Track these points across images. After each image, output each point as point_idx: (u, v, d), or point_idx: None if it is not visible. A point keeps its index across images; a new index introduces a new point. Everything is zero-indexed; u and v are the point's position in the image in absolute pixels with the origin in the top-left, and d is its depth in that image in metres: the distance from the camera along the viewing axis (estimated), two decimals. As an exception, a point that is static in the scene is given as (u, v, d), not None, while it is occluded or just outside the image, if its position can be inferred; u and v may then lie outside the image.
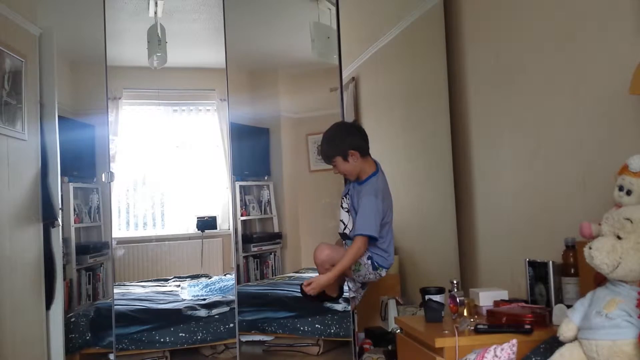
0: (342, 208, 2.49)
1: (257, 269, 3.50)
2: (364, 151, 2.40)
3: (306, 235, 3.53)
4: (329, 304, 3.05)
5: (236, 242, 3.43)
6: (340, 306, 2.98)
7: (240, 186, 3.53)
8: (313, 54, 3.12)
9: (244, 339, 3.18)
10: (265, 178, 3.62)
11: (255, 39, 3.31)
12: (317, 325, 3.07)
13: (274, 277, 3.50)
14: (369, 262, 2.43)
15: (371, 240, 2.37)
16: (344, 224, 2.47)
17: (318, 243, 2.49)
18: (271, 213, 3.58)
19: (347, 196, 2.49)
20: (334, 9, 2.94)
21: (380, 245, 2.42)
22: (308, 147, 3.46)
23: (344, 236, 2.50)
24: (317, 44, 3.07)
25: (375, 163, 2.47)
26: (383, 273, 2.49)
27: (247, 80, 3.58)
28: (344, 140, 2.37)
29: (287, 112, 3.50)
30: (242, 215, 3.53)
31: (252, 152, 3.55)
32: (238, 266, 3.41)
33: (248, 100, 3.48)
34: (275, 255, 3.53)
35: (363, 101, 4.17)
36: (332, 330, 3.04)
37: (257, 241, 3.53)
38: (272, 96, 3.56)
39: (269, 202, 3.56)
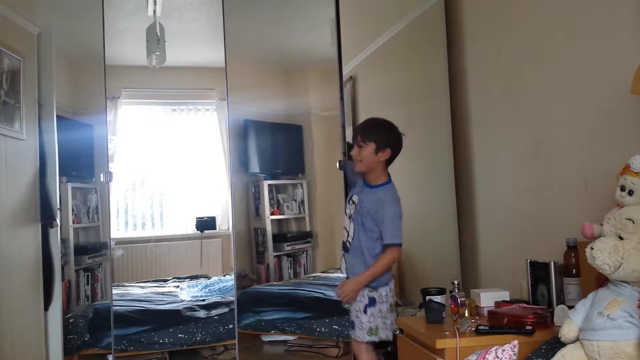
0: (346, 215, 2.34)
1: (291, 268, 3.49)
2: (392, 159, 2.29)
3: (338, 234, 3.50)
4: (347, 305, 3.04)
5: (264, 242, 3.42)
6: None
7: (270, 185, 3.52)
8: (331, 51, 3.09)
9: (265, 338, 3.17)
10: (299, 176, 3.59)
11: (264, 36, 3.29)
12: (334, 327, 3.04)
13: (302, 276, 3.49)
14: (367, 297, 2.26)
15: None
16: (347, 232, 2.31)
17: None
18: (304, 212, 3.56)
19: (351, 201, 2.33)
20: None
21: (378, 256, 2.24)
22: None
23: (345, 247, 2.34)
24: (334, 42, 3.03)
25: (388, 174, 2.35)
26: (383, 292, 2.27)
27: (258, 78, 3.56)
28: (390, 136, 2.25)
29: (317, 109, 3.48)
30: (273, 214, 3.51)
31: (284, 150, 3.53)
32: (268, 265, 3.40)
33: (262, 98, 3.44)
34: (307, 254, 3.52)
35: (361, 101, 4.16)
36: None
37: (291, 240, 3.50)
38: (297, 93, 3.52)
39: (302, 201, 3.53)
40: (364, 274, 2.22)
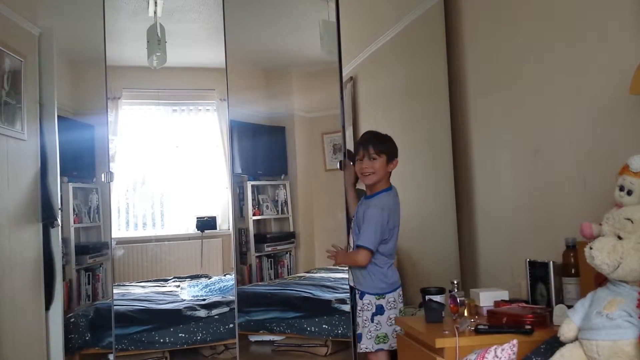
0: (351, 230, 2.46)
1: (272, 269, 3.50)
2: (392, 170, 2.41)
3: (320, 234, 3.53)
4: (336, 305, 3.07)
5: (247, 242, 3.43)
6: (348, 307, 2.97)
7: (253, 185, 3.53)
8: (322, 52, 3.12)
9: (253, 338, 3.18)
10: (282, 177, 3.61)
11: (264, 37, 3.31)
12: (324, 326, 3.07)
13: (288, 276, 3.50)
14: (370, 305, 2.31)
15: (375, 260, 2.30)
16: (350, 245, 2.44)
17: (332, 243, 2.48)
18: (287, 213, 3.57)
19: (354, 217, 2.45)
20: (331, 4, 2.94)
21: (379, 262, 2.31)
22: (324, 145, 3.45)
23: None
24: (327, 42, 3.06)
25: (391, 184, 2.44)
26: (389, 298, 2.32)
27: (258, 79, 3.57)
28: (395, 147, 2.39)
29: (301, 111, 3.50)
30: (254, 215, 3.52)
31: (266, 151, 3.55)
32: (250, 266, 3.41)
33: (259, 99, 3.46)
34: (290, 254, 3.53)
35: (361, 101, 4.17)
36: (340, 331, 3.03)
37: (271, 241, 3.52)
38: (285, 95, 3.55)
39: (285, 201, 3.55)
40: (347, 255, 2.37)
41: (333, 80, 2.92)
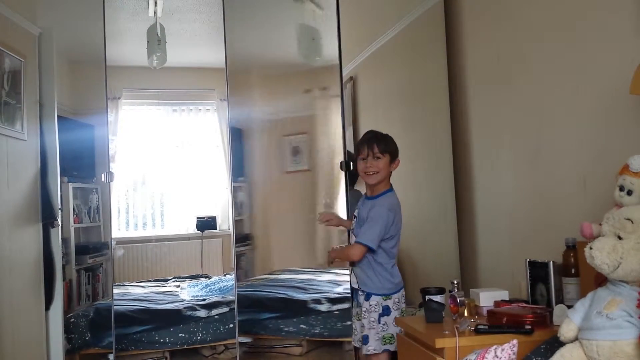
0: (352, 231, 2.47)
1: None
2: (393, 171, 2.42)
3: (279, 237, 3.48)
4: (312, 305, 3.08)
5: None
6: (324, 307, 2.99)
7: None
8: (298, 56, 3.12)
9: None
10: (240, 179, 3.54)
11: (249, 39, 3.29)
12: (301, 326, 3.08)
13: (250, 278, 3.46)
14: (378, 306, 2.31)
15: (375, 258, 2.31)
16: None
17: (292, 245, 2.49)
18: (244, 214, 3.54)
19: (354, 217, 2.45)
20: (318, 10, 2.94)
21: (382, 262, 2.31)
22: (284, 148, 3.41)
23: (352, 261, 2.46)
24: (302, 46, 3.06)
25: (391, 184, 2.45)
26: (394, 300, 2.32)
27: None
28: (396, 147, 2.40)
29: (264, 114, 3.46)
30: None
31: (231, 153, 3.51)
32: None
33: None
34: (246, 256, 3.49)
35: (361, 101, 4.17)
36: (317, 331, 3.04)
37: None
38: (249, 97, 3.51)
39: (242, 204, 3.50)
40: (341, 250, 2.45)
41: (298, 82, 2.90)
